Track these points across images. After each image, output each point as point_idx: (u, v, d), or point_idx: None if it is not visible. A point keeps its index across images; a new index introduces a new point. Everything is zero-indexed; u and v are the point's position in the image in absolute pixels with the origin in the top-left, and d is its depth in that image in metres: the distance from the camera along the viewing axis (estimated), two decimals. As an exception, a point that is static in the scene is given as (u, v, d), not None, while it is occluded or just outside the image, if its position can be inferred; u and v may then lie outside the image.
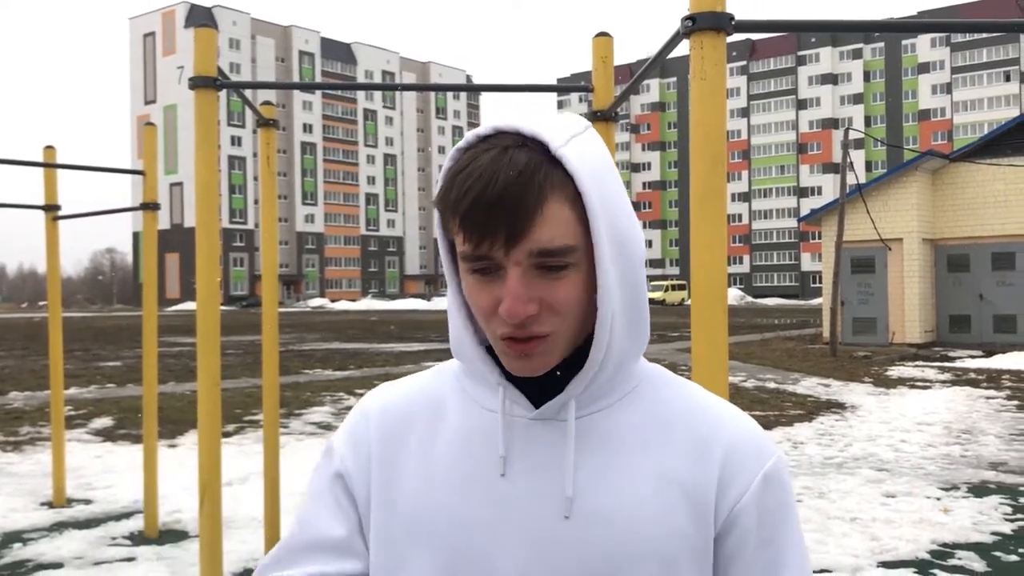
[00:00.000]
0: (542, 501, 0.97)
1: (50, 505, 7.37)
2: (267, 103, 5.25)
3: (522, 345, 0.94)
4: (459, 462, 1.01)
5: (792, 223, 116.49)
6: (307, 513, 1.08)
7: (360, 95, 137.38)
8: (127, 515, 7.02)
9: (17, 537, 6.43)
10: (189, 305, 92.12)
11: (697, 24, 2.44)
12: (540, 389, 1.01)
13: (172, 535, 6.44)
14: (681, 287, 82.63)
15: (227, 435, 10.46)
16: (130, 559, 5.86)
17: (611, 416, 1.01)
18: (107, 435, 10.90)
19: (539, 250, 0.90)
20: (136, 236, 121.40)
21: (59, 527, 6.68)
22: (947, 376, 16.39)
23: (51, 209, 7.36)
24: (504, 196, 0.89)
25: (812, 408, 12.67)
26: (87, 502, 7.50)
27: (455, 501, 0.99)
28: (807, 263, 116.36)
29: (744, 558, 0.98)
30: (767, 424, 11.22)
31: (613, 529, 0.95)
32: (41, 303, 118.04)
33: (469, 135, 0.96)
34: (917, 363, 18.97)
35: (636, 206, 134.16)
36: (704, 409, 1.03)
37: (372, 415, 1.08)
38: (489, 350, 1.03)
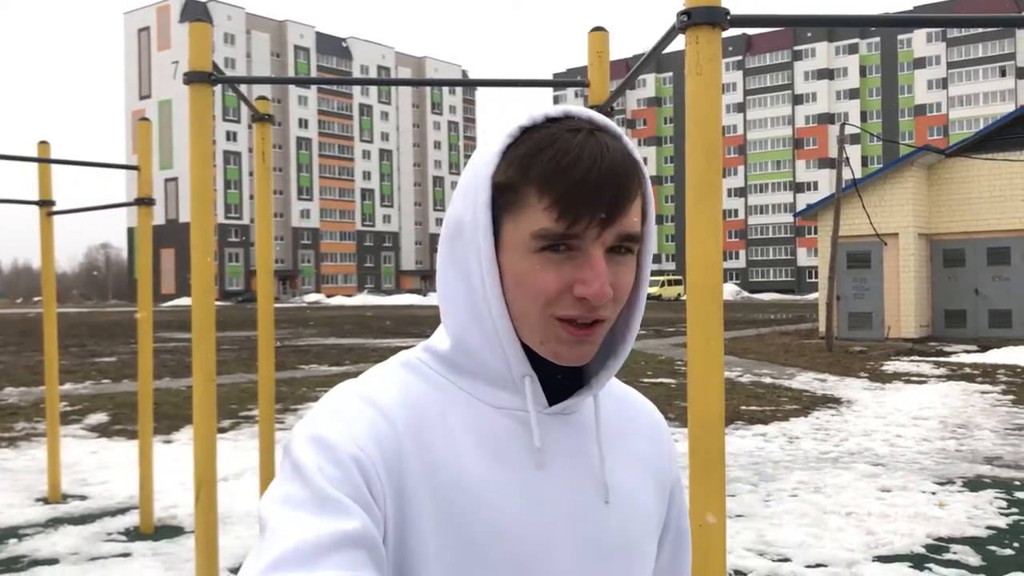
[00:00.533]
0: (575, 490, 0.98)
1: (45, 501, 7.37)
2: (262, 98, 5.24)
3: (584, 331, 0.92)
4: (488, 462, 0.94)
5: (788, 218, 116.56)
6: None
7: (356, 90, 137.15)
8: (122, 511, 7.01)
9: (12, 533, 6.43)
10: (184, 300, 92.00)
11: (692, 19, 2.44)
12: (549, 385, 0.99)
13: (167, 531, 6.44)
14: (677, 282, 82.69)
15: (222, 431, 10.46)
16: (125, 555, 5.86)
17: (591, 410, 1.04)
18: (102, 431, 10.89)
19: (627, 234, 0.92)
20: (131, 231, 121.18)
21: (54, 523, 6.67)
22: (942, 371, 16.42)
23: (45, 204, 7.34)
24: (611, 177, 0.89)
25: (808, 403, 12.69)
26: (82, 498, 7.49)
27: (495, 503, 0.93)
28: (803, 258, 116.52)
29: (673, 523, 1.11)
30: (763, 419, 11.25)
31: (636, 510, 1.02)
32: (36, 299, 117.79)
33: (534, 114, 0.94)
34: (912, 358, 19.01)
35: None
36: (635, 397, 1.12)
37: (392, 413, 0.93)
38: None
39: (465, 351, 0.98)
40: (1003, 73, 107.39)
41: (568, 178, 0.88)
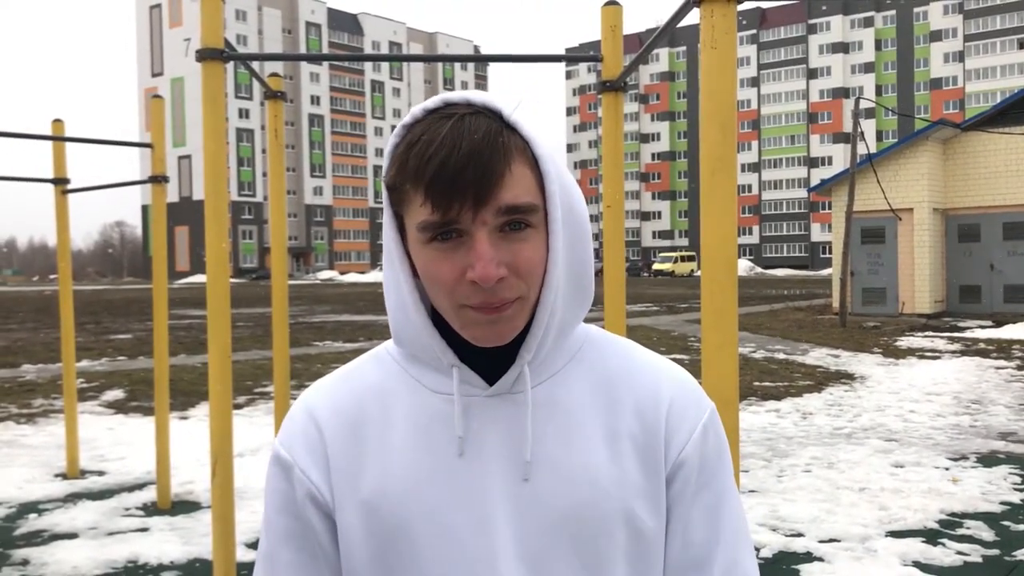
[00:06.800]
0: (506, 470, 1.00)
1: (64, 476, 7.45)
2: (274, 75, 5.23)
3: (493, 311, 0.94)
4: (417, 450, 1.01)
5: (802, 193, 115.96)
6: (280, 570, 1.06)
7: (367, 67, 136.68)
8: (140, 486, 7.08)
9: (32, 508, 6.51)
10: (199, 277, 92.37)
11: (707, -8, 2.42)
12: (491, 367, 1.03)
13: (184, 506, 6.50)
14: (690, 258, 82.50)
15: (238, 407, 10.53)
16: (143, 529, 5.92)
17: (561, 383, 1.05)
18: (119, 407, 10.98)
19: (507, 207, 0.92)
20: (145, 209, 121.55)
21: (73, 498, 6.75)
22: (957, 346, 16.36)
23: (60, 183, 7.37)
24: (471, 158, 0.90)
25: (821, 379, 12.67)
26: (100, 473, 7.57)
27: (421, 489, 1.00)
28: (817, 233, 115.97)
29: (685, 500, 1.05)
30: (777, 395, 11.25)
31: (575, 489, 1.00)
32: (52, 276, 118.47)
33: (415, 110, 0.97)
34: (926, 333, 18.94)
35: (645, 177, 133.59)
36: (644, 367, 1.08)
37: (323, 421, 1.06)
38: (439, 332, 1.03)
39: (401, 341, 1.06)
40: (1021, 46, 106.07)
41: (430, 168, 0.91)
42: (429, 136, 0.92)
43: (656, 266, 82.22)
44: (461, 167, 0.90)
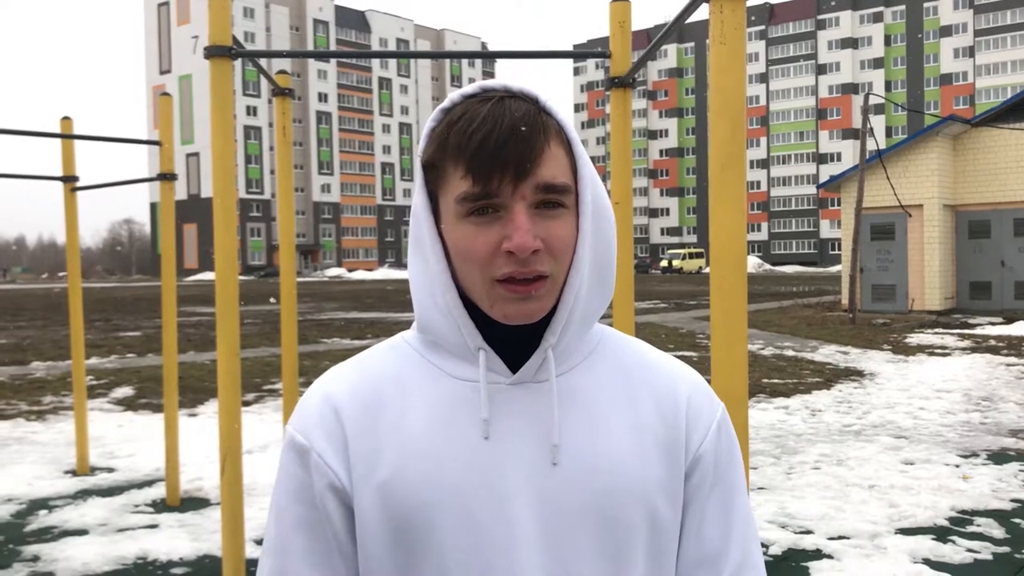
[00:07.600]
0: (530, 456, 1.01)
1: (74, 473, 7.47)
2: (282, 72, 5.23)
3: (524, 287, 0.97)
4: (438, 434, 1.01)
5: (811, 190, 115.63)
6: (292, 560, 1.04)
7: (375, 63, 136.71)
8: (149, 483, 7.11)
9: (43, 504, 6.53)
10: (207, 275, 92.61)
11: (716, -13, 2.40)
12: (514, 355, 1.04)
13: (194, 503, 6.52)
14: (699, 255, 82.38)
15: (246, 404, 10.55)
16: (153, 526, 5.94)
17: (581, 375, 1.06)
18: (128, 404, 11.01)
19: (545, 184, 0.97)
20: (153, 207, 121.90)
21: (83, 495, 6.77)
22: (967, 343, 16.29)
23: (69, 180, 7.39)
24: (514, 133, 0.95)
25: (830, 376, 12.64)
26: (110, 470, 7.59)
27: (442, 473, 0.99)
28: (826, 230, 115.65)
29: (701, 496, 1.08)
30: (786, 392, 11.22)
31: (599, 476, 1.01)
32: (61, 274, 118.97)
33: (453, 95, 1.02)
34: (936, 330, 18.87)
35: (653, 173, 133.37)
36: (659, 365, 1.12)
37: (341, 404, 1.04)
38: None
39: (427, 326, 1.06)
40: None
41: (473, 142, 0.95)
42: (470, 115, 0.97)
43: (674, 263, 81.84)
44: (503, 141, 0.95)
